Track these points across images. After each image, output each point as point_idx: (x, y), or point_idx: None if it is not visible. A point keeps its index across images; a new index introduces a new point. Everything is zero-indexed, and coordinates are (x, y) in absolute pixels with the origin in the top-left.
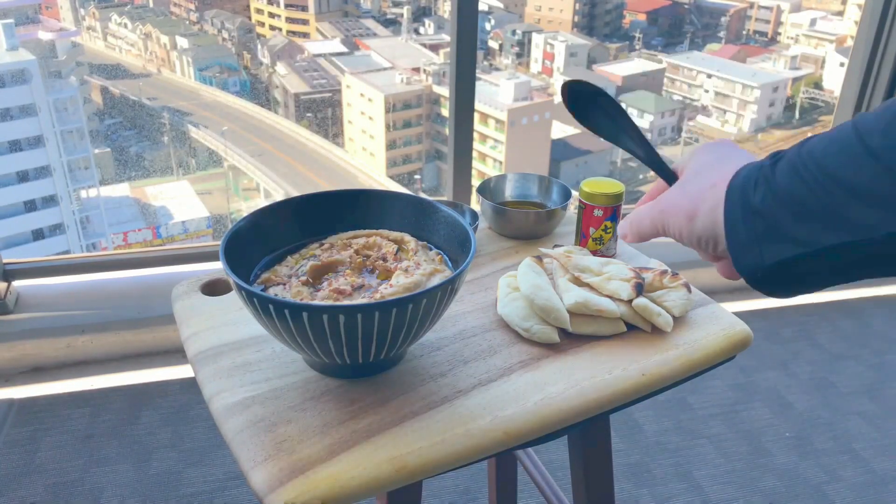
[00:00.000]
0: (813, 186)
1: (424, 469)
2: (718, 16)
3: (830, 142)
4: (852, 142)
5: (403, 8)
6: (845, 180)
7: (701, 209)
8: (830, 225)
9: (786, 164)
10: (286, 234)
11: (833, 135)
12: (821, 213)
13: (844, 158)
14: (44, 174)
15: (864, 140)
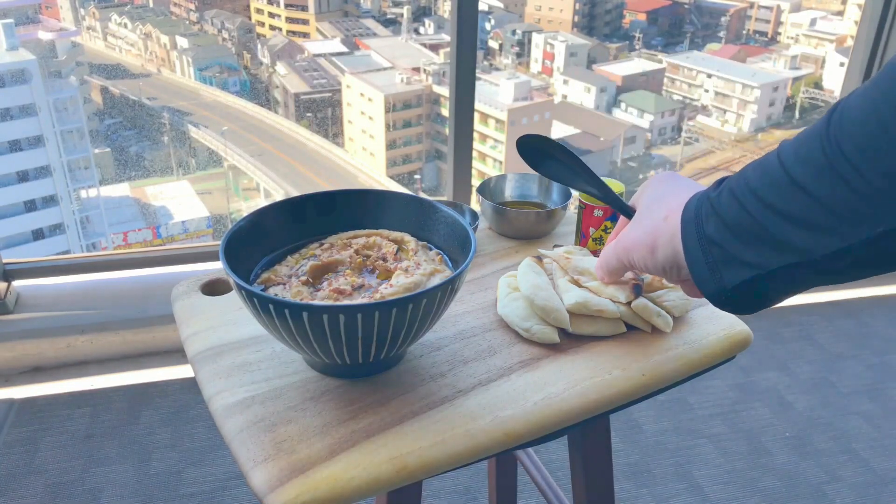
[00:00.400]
0: (754, 214)
1: (424, 469)
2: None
3: (763, 172)
4: (778, 172)
5: (403, 8)
6: (779, 208)
7: (659, 241)
8: (776, 248)
9: (727, 194)
10: (286, 234)
11: (763, 164)
12: (765, 239)
13: (775, 189)
14: (44, 174)
15: (787, 171)
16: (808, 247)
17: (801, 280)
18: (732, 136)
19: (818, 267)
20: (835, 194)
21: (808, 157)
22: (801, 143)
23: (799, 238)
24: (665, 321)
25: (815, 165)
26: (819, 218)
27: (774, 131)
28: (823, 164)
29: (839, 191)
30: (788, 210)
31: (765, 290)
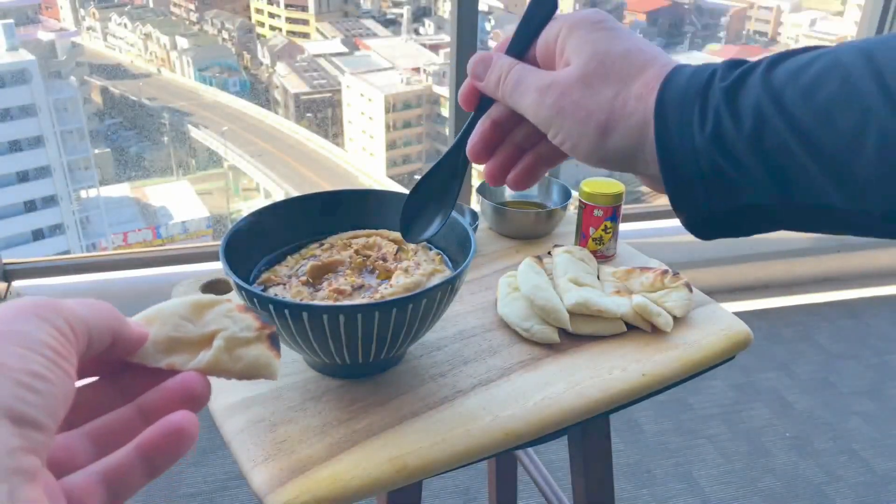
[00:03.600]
0: (805, 130)
1: (424, 469)
2: (718, 16)
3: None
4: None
5: (403, 8)
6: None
7: (621, 125)
8: (812, 182)
9: (759, 90)
10: (286, 234)
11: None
12: (802, 166)
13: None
14: (44, 174)
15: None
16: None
17: (812, 224)
18: None
19: (867, 225)
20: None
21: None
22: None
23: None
24: (665, 321)
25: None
26: None
27: None
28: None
29: None
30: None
31: (758, 218)
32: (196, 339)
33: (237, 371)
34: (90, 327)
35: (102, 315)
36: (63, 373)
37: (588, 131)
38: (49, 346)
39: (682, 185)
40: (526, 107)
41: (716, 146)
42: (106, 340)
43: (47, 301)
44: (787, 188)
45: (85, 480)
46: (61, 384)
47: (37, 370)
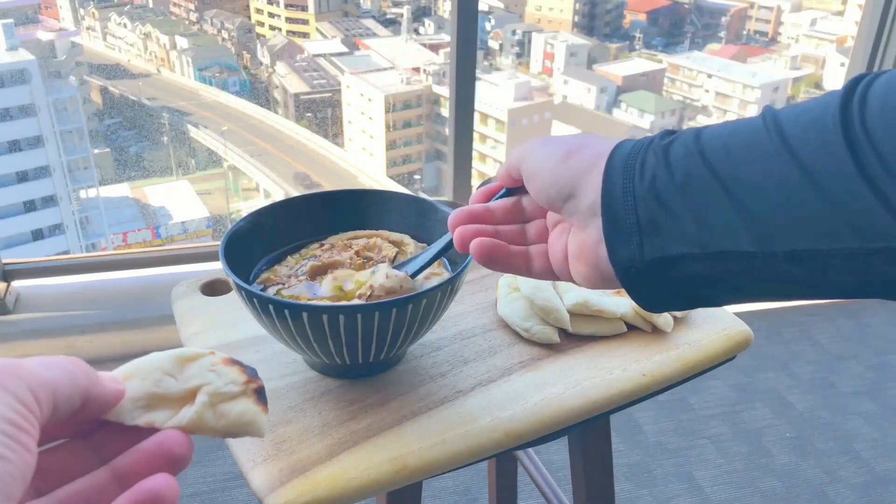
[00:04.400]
0: (720, 175)
1: (424, 469)
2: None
3: (741, 132)
4: (765, 136)
5: (403, 8)
6: (756, 179)
7: (584, 184)
8: (731, 226)
9: (687, 145)
10: (286, 234)
11: (742, 125)
12: (722, 209)
13: (757, 153)
14: (43, 174)
15: (784, 138)
16: (777, 235)
17: (736, 278)
18: None
19: (771, 267)
20: (849, 190)
21: (819, 138)
22: (807, 116)
23: (776, 223)
24: (666, 321)
25: (827, 149)
26: (814, 208)
27: None
28: (840, 154)
29: (855, 187)
30: (771, 184)
31: (685, 278)
32: (178, 396)
33: (221, 428)
34: (56, 391)
35: (71, 376)
36: (22, 448)
37: (560, 194)
38: (8, 421)
39: (620, 235)
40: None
41: (652, 195)
42: (75, 402)
43: (8, 366)
44: (706, 234)
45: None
46: (19, 462)
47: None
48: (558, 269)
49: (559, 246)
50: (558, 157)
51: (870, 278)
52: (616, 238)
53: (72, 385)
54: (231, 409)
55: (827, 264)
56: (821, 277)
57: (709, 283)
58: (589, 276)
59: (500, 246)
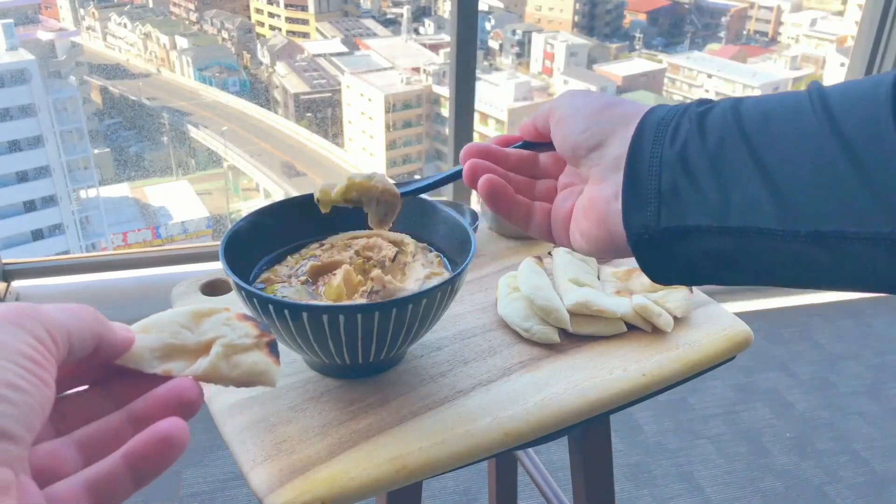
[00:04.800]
0: (756, 147)
1: (424, 469)
2: (719, 16)
3: (786, 106)
4: (811, 115)
5: (403, 8)
6: (796, 155)
7: (614, 135)
8: (756, 201)
9: (725, 113)
10: (286, 234)
11: (787, 99)
12: (751, 183)
13: (800, 131)
14: (43, 174)
15: (832, 119)
16: (803, 213)
17: (752, 257)
18: None
19: (790, 248)
20: (890, 170)
21: (867, 113)
22: (857, 91)
23: (804, 200)
24: (666, 321)
25: (873, 125)
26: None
27: None
28: (888, 131)
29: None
30: (807, 158)
31: (698, 251)
32: (193, 347)
33: (234, 378)
34: (71, 333)
35: (84, 320)
36: (40, 382)
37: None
38: (25, 356)
39: (638, 198)
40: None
41: (680, 161)
42: (88, 346)
43: (26, 308)
44: (728, 207)
45: (70, 490)
46: (37, 394)
47: (11, 380)
48: (556, 230)
49: (564, 207)
50: (596, 105)
51: (890, 269)
52: (634, 200)
53: (84, 328)
54: (244, 360)
55: (848, 249)
56: (838, 263)
57: (721, 260)
58: (591, 234)
59: (507, 189)
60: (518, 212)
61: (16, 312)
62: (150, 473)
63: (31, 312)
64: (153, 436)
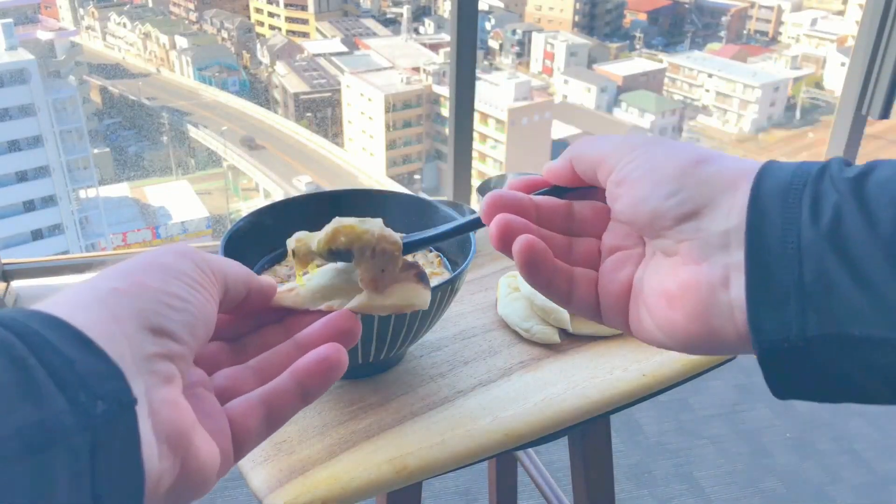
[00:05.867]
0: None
1: (424, 470)
2: (719, 15)
3: None
4: None
5: (403, 7)
6: None
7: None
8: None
9: (891, 186)
10: (286, 233)
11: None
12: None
13: None
14: (43, 174)
15: None
16: None
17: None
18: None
19: None
20: None
21: None
22: None
23: None
24: None
25: None
26: None
27: (775, 131)
28: None
29: None
30: None
31: (862, 368)
32: (349, 288)
33: (388, 306)
34: (226, 274)
35: (235, 267)
36: (202, 297)
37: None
38: (188, 275)
39: (770, 293)
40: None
41: (832, 244)
42: (241, 290)
43: (186, 246)
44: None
45: (246, 403)
46: (200, 306)
47: (176, 291)
48: (609, 310)
49: (618, 280)
50: (682, 161)
51: None
52: (763, 296)
53: (238, 274)
54: (396, 290)
55: None
56: None
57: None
58: (679, 327)
59: (548, 253)
60: (557, 282)
61: (179, 247)
62: (314, 390)
63: (191, 250)
64: (316, 357)
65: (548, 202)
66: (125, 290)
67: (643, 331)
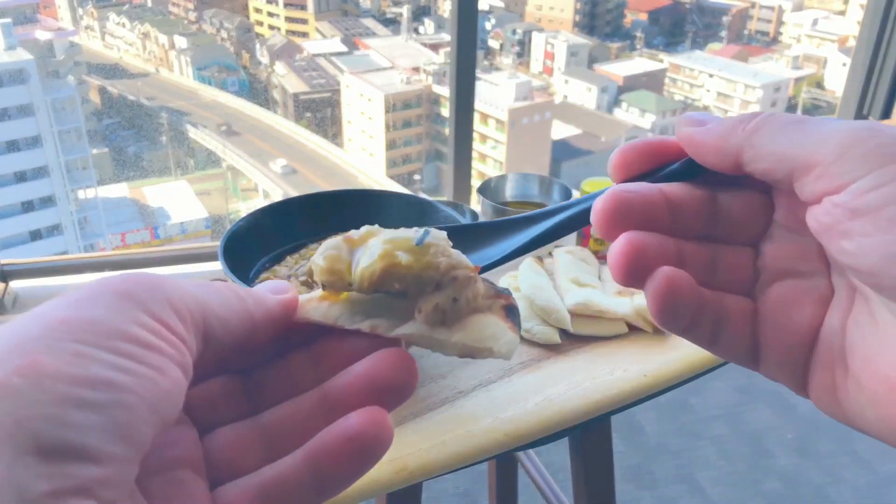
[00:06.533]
0: None
1: (424, 470)
2: (720, 15)
3: None
4: None
5: (403, 7)
6: None
7: None
8: None
9: None
10: (285, 234)
11: None
12: None
13: None
14: (42, 174)
15: None
16: None
17: None
18: None
19: None
20: None
21: None
22: None
23: None
24: None
25: None
26: None
27: None
28: None
29: None
30: None
31: None
32: (403, 303)
33: (455, 343)
34: (206, 310)
35: (223, 297)
36: (152, 371)
37: None
38: (129, 338)
39: None
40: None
41: None
42: (238, 325)
43: (143, 279)
44: None
45: (239, 496)
46: (145, 388)
47: (99, 375)
48: (778, 362)
49: (794, 322)
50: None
51: None
52: None
53: (228, 303)
54: (472, 323)
55: None
56: None
57: None
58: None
59: (692, 288)
60: (703, 323)
61: (128, 282)
62: (337, 482)
63: (148, 282)
64: (340, 434)
65: (683, 195)
66: (2, 384)
67: (848, 411)
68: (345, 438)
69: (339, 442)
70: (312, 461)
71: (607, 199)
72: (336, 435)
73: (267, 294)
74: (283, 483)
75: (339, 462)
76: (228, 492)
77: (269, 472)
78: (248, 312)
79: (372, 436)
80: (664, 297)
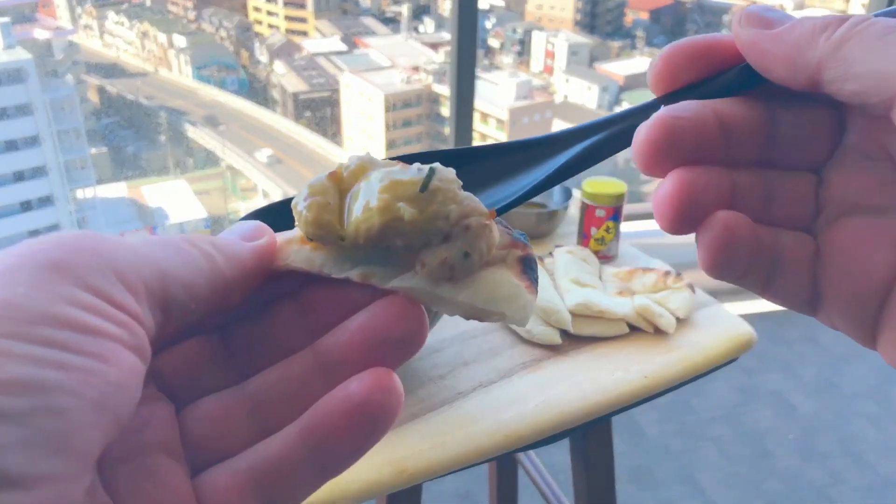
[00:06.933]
0: None
1: (424, 472)
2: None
3: None
4: None
5: (403, 6)
6: None
7: None
8: None
9: None
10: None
11: None
12: None
13: None
14: (40, 174)
15: None
16: None
17: None
18: None
19: None
20: None
21: None
22: None
23: None
24: (668, 322)
25: None
26: None
27: None
28: None
29: None
30: None
31: None
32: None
33: (460, 302)
34: (165, 274)
35: (186, 255)
36: (94, 360)
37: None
38: (63, 322)
39: None
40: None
41: None
42: (201, 291)
43: (81, 243)
44: None
45: (228, 482)
46: (85, 384)
47: (18, 376)
48: (844, 308)
49: (867, 265)
50: None
51: None
52: None
53: (189, 269)
54: (481, 277)
55: None
56: None
57: None
58: None
59: (749, 229)
60: (758, 266)
61: (60, 248)
62: (341, 459)
63: (89, 247)
64: (339, 404)
65: (738, 115)
66: None
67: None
68: (345, 408)
69: (339, 413)
70: (310, 437)
71: (655, 127)
72: (335, 405)
73: (238, 243)
74: (278, 464)
75: (341, 437)
76: (214, 478)
77: (261, 453)
78: (218, 271)
79: (377, 403)
80: (721, 248)
